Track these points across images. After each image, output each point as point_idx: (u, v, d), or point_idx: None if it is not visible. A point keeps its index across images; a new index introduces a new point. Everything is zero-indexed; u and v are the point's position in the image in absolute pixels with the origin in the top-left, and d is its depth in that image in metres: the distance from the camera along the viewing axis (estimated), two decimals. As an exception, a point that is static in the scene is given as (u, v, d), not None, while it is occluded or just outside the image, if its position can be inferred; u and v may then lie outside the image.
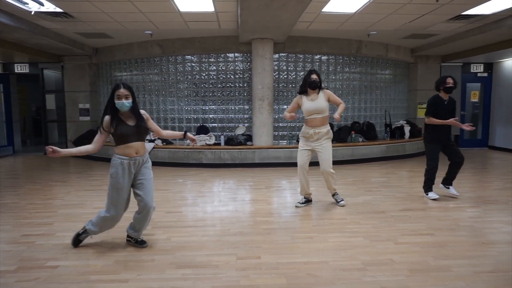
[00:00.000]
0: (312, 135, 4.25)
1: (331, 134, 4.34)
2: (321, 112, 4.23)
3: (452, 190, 4.81)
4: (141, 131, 3.07)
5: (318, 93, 4.27)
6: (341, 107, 4.25)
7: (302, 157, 4.36)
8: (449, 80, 4.57)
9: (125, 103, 2.94)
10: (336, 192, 4.57)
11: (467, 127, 4.61)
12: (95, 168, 7.43)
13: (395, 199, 4.79)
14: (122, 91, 2.94)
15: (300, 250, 3.10)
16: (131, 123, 3.03)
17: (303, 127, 4.38)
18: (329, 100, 4.28)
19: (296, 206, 4.46)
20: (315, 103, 4.22)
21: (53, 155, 2.83)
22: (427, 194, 4.80)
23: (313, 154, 4.40)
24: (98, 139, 3.01)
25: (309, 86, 4.24)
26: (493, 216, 4.05)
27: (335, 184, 4.51)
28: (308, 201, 4.56)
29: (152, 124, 3.22)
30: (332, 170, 4.34)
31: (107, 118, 2.98)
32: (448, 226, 3.69)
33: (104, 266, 2.82)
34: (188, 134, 3.31)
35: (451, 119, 4.50)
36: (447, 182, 4.85)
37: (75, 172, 7.13)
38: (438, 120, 4.56)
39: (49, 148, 2.80)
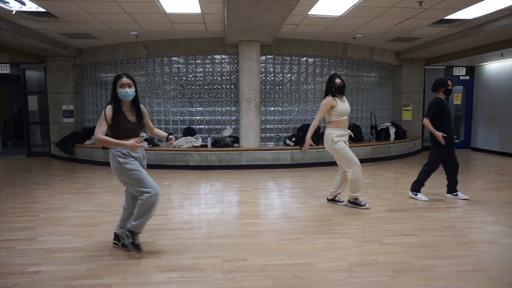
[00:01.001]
0: (346, 135, 4.39)
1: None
2: (348, 114, 4.41)
3: (461, 195, 4.84)
4: (140, 128, 3.11)
5: (343, 96, 4.40)
6: None
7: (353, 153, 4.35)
8: (450, 82, 4.69)
9: (128, 92, 2.95)
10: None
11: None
12: (79, 171, 7.30)
13: (381, 200, 4.85)
14: (125, 79, 2.95)
15: (287, 252, 3.11)
16: (132, 118, 3.03)
17: (332, 130, 4.32)
18: None
19: (368, 207, 4.42)
20: (346, 104, 4.37)
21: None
22: (415, 195, 4.84)
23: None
24: (104, 128, 2.90)
25: (337, 91, 4.28)
26: (475, 216, 4.13)
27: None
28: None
29: (148, 120, 3.22)
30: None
31: (109, 107, 2.93)
32: (432, 227, 3.75)
33: (87, 270, 2.77)
34: (170, 136, 3.19)
35: (440, 134, 4.59)
36: (453, 190, 4.88)
37: (58, 175, 6.99)
38: (431, 127, 4.62)
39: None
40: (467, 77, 10.20)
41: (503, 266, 2.80)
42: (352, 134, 4.58)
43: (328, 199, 4.71)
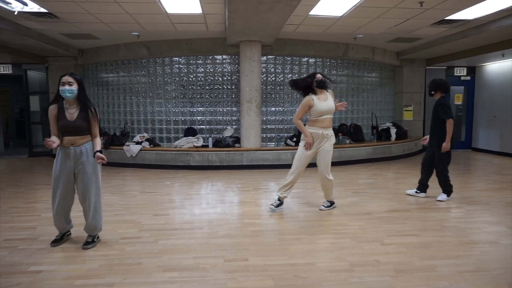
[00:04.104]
0: (320, 135, 4.13)
1: (334, 138, 4.28)
2: (332, 112, 4.17)
3: (411, 191, 4.97)
4: (80, 128, 3.12)
5: (325, 93, 4.18)
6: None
7: (305, 158, 4.19)
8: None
9: (67, 90, 3.03)
10: (332, 202, 4.45)
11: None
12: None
13: (382, 200, 4.85)
14: (66, 77, 3.06)
15: (288, 252, 3.11)
16: (70, 117, 3.10)
17: (308, 127, 4.18)
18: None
19: (273, 210, 4.30)
20: (327, 103, 4.11)
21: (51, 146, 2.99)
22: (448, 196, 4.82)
23: (314, 156, 4.26)
24: (52, 128, 3.14)
25: (318, 86, 4.09)
26: (476, 216, 4.13)
27: (332, 194, 4.40)
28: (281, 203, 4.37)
29: (93, 124, 3.19)
30: (328, 176, 4.25)
31: (51, 107, 3.11)
32: (433, 227, 3.75)
33: (88, 270, 2.78)
34: (98, 154, 3.11)
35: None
36: (420, 188, 4.96)
37: (60, 175, 6.99)
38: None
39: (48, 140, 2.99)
40: (468, 78, 10.19)
41: (504, 267, 2.80)
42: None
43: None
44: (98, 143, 3.20)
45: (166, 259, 2.98)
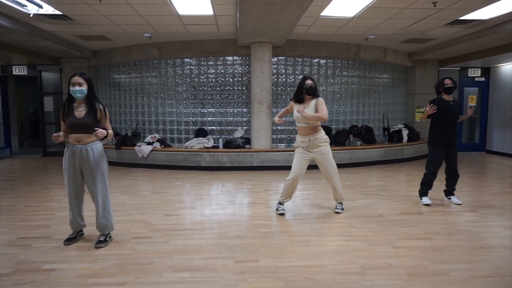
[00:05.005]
0: (307, 141, 4.11)
1: (327, 139, 4.19)
2: (308, 121, 4.05)
3: (454, 199, 4.73)
4: (87, 126, 3.16)
5: (311, 101, 4.10)
6: (317, 114, 3.99)
7: (301, 163, 4.21)
8: (447, 81, 4.56)
9: (77, 90, 3.10)
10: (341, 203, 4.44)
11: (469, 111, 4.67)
12: (93, 171, 7.40)
13: (393, 203, 4.80)
14: (76, 78, 3.14)
15: (298, 254, 3.10)
16: (79, 115, 3.16)
17: (297, 135, 4.27)
18: (316, 109, 4.04)
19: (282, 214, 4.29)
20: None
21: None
22: (421, 199, 4.76)
23: (310, 162, 4.25)
24: (63, 125, 3.26)
25: (306, 92, 4.09)
26: (491, 220, 4.06)
27: (342, 193, 4.37)
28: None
29: (104, 122, 3.30)
30: (337, 176, 4.24)
31: (62, 107, 3.22)
32: (446, 230, 3.69)
33: (101, 269, 2.81)
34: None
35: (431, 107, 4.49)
36: (447, 193, 4.82)
37: (73, 175, 7.10)
38: (424, 114, 4.61)
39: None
40: (483, 79, 10.01)
41: (520, 272, 2.74)
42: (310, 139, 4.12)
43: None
44: (109, 132, 3.28)
45: (177, 259, 3.00)
